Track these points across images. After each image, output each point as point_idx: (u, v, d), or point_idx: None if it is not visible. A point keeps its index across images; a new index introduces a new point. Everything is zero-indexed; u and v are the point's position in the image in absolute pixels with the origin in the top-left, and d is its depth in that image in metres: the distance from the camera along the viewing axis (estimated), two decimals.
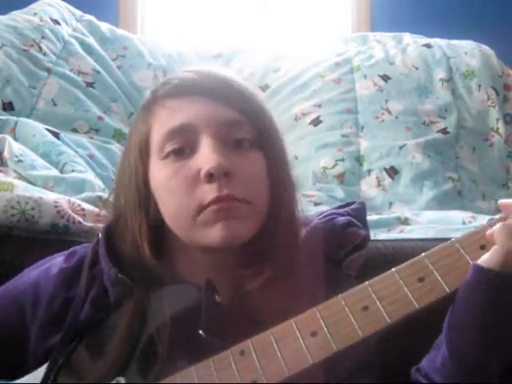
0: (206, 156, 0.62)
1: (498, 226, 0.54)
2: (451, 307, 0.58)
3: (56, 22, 1.74)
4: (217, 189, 0.62)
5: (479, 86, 1.80)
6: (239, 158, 0.65)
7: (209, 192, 0.62)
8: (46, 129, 1.36)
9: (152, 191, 0.67)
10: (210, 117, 0.65)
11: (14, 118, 1.38)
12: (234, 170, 0.63)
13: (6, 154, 1.17)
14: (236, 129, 0.66)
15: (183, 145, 0.65)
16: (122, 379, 0.57)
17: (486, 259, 0.54)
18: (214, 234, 0.62)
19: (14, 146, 1.19)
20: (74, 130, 1.49)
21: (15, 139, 1.29)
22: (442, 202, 1.45)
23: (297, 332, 0.53)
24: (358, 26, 2.44)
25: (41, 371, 0.62)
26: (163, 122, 0.66)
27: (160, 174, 0.66)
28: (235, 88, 0.69)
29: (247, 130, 0.66)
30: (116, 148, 1.48)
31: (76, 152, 1.35)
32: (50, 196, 1.00)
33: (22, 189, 1.00)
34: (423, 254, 0.55)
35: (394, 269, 0.55)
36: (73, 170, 1.24)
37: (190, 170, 0.63)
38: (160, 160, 0.66)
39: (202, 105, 0.66)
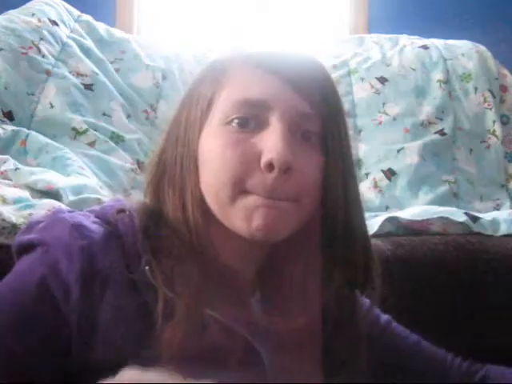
0: (272, 142, 0.58)
1: None
2: None
3: (54, 22, 1.73)
4: (272, 182, 0.58)
5: (476, 88, 1.81)
6: (303, 152, 0.60)
7: (263, 182, 0.58)
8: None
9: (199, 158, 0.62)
10: (287, 102, 0.61)
11: (26, 131, 1.38)
12: (295, 167, 0.58)
13: (2, 169, 1.18)
14: (307, 121, 0.62)
15: (250, 117, 0.60)
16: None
17: None
18: (253, 220, 0.58)
19: (10, 162, 1.20)
20: (73, 132, 1.50)
21: (26, 151, 1.31)
22: (438, 204, 1.46)
23: None
24: (356, 28, 2.43)
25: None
26: (238, 88, 0.62)
27: (216, 140, 0.61)
28: (318, 78, 0.64)
29: (317, 123, 0.62)
30: (114, 150, 1.49)
31: (76, 155, 1.35)
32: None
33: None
34: None
35: None
36: (75, 173, 1.25)
37: (251, 148, 0.59)
38: (220, 126, 0.61)
39: (283, 87, 0.61)
